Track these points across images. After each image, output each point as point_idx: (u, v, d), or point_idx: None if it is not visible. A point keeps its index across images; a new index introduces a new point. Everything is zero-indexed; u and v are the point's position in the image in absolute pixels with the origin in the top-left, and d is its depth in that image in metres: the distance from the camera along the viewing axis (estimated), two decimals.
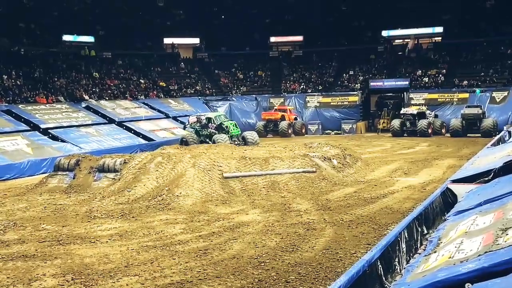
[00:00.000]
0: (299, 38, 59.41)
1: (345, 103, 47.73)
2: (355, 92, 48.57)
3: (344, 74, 53.17)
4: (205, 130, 33.02)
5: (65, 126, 33.59)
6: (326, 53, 55.96)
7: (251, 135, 32.93)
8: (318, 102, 48.09)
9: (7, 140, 28.69)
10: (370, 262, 6.78)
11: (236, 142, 30.71)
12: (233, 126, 33.13)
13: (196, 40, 59.47)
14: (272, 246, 12.04)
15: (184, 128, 35.44)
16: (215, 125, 32.86)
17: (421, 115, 40.26)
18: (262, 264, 10.80)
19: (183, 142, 31.34)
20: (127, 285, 9.84)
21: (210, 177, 18.71)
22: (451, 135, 38.62)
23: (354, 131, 45.34)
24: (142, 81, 49.04)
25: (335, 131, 45.59)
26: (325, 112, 47.35)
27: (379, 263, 7.02)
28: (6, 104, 34.03)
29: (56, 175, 21.22)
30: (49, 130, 32.05)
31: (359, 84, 50.50)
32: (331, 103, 47.93)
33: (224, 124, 32.86)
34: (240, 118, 46.99)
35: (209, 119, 33.28)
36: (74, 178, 20.54)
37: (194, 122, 33.59)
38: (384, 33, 57.07)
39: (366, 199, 16.89)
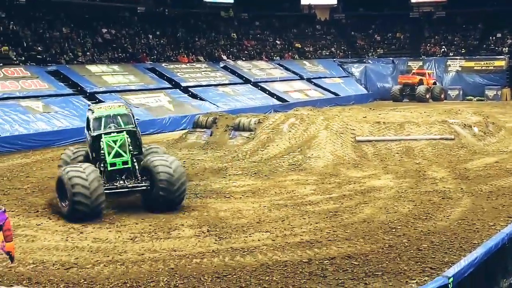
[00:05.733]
0: None
1: (490, 68, 44.86)
2: (502, 57, 45.39)
3: (490, 37, 49.68)
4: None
5: (204, 85, 34.85)
6: (471, 14, 52.40)
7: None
8: (460, 66, 45.67)
9: (151, 96, 30.45)
10: (511, 236, 6.44)
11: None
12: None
13: (333, 1, 58.52)
14: (405, 213, 11.80)
15: None
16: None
17: None
18: (393, 230, 10.64)
19: None
20: (258, 240, 10.18)
21: (343, 140, 18.61)
22: None
23: (498, 97, 42.69)
24: (278, 42, 49.41)
25: (477, 98, 43.25)
26: (467, 77, 44.90)
27: None
28: (151, 62, 35.97)
29: (195, 132, 22.23)
30: (189, 88, 33.47)
31: (507, 48, 47.07)
32: (475, 68, 45.28)
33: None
34: (376, 81, 46.15)
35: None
36: (211, 135, 21.43)
37: None
38: None
39: (508, 170, 15.91)
